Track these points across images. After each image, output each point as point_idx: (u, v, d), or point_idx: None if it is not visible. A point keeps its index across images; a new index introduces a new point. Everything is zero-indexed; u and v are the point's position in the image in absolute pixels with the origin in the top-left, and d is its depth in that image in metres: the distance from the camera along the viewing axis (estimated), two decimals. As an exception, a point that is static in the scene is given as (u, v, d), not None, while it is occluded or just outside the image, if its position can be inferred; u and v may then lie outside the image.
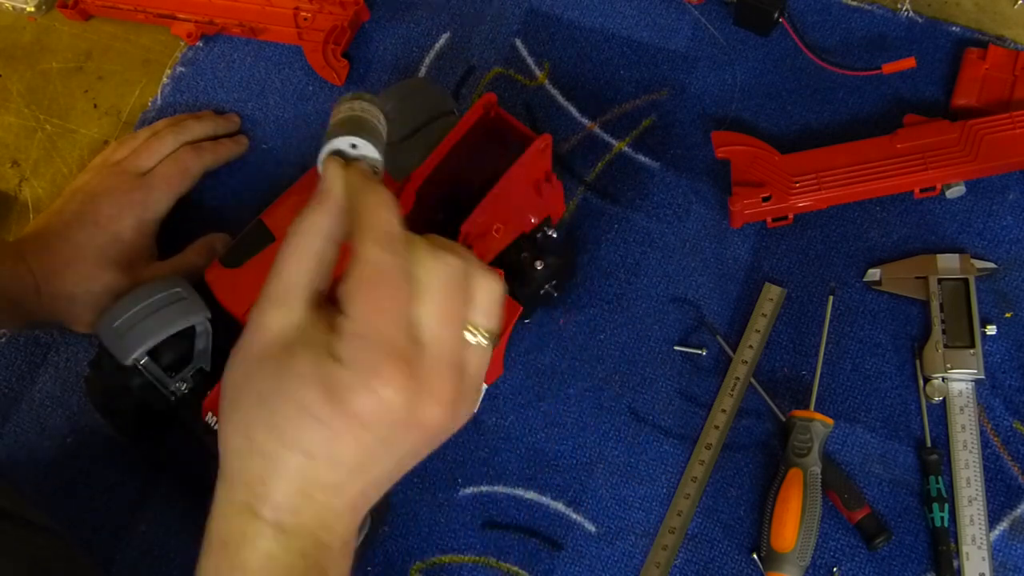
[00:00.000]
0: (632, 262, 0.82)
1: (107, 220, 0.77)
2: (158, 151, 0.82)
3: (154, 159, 0.82)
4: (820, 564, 0.71)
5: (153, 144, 0.83)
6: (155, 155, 0.82)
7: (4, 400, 0.81)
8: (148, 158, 0.82)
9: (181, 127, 0.85)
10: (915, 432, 0.74)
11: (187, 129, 0.85)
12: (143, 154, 0.82)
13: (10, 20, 0.98)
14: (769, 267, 0.80)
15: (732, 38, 0.89)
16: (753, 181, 0.80)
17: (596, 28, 0.91)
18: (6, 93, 0.95)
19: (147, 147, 0.82)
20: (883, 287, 0.78)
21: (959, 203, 0.80)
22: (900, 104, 0.84)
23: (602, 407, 0.77)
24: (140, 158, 0.82)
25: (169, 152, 0.83)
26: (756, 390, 0.76)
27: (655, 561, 0.72)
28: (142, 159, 0.82)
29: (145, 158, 0.82)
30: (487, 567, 0.73)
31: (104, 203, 0.78)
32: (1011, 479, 0.72)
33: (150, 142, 0.83)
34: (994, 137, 0.78)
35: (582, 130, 0.87)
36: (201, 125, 0.86)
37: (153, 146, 0.82)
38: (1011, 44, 0.86)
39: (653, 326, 0.79)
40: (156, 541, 0.76)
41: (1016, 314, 0.77)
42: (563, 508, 0.75)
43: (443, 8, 0.94)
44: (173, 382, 0.70)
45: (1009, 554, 0.70)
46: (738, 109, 0.86)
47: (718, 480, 0.74)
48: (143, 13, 0.94)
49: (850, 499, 0.71)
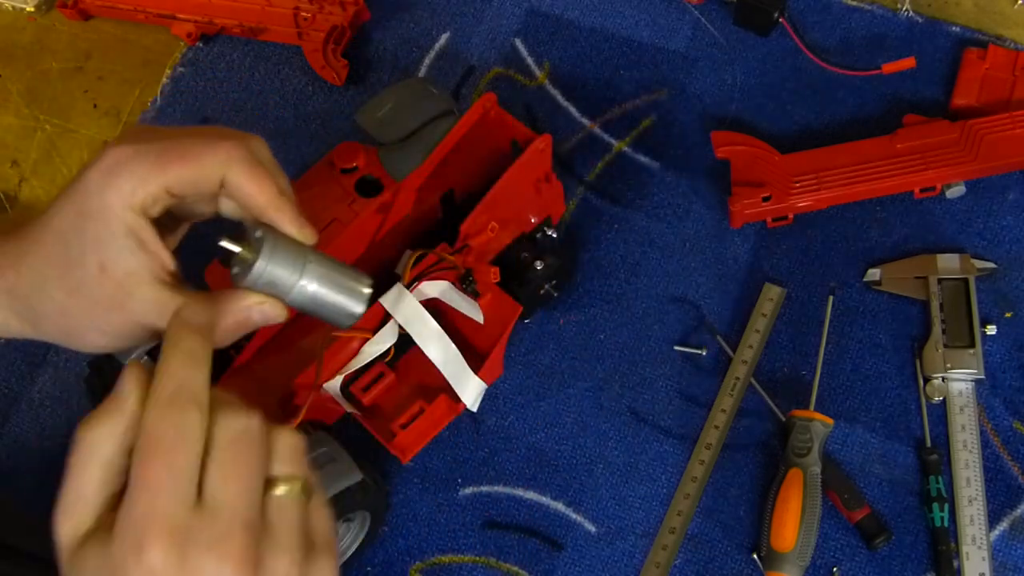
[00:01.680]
0: (632, 262, 0.82)
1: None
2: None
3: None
4: (820, 564, 0.71)
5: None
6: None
7: (4, 400, 0.81)
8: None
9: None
10: (915, 432, 0.74)
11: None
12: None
13: (10, 20, 0.98)
14: (769, 267, 0.80)
15: (732, 38, 0.89)
16: (753, 181, 0.80)
17: (596, 28, 0.91)
18: (6, 93, 0.95)
19: None
20: (883, 287, 0.78)
21: (959, 203, 0.80)
22: (900, 104, 0.84)
23: (602, 407, 0.77)
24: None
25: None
26: (756, 390, 0.76)
27: (655, 561, 0.72)
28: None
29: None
30: (487, 567, 0.73)
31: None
32: (1011, 479, 0.72)
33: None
34: (994, 137, 0.78)
35: (582, 130, 0.87)
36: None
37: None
38: (1011, 44, 0.86)
39: (653, 326, 0.79)
40: (156, 541, 0.76)
41: (1016, 314, 0.76)
42: (563, 508, 0.75)
43: (443, 8, 0.94)
44: (173, 382, 0.70)
45: (1009, 554, 0.70)
46: (738, 109, 0.86)
47: (718, 480, 0.74)
48: (143, 13, 0.94)
49: (850, 499, 0.71)
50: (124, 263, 0.42)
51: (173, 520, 0.35)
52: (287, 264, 0.42)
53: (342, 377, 0.69)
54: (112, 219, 0.41)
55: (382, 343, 0.68)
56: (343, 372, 0.68)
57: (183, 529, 0.36)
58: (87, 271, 0.42)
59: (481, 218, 0.69)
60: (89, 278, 0.42)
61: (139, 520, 0.35)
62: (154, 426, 0.37)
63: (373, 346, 0.68)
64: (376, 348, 0.68)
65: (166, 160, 0.42)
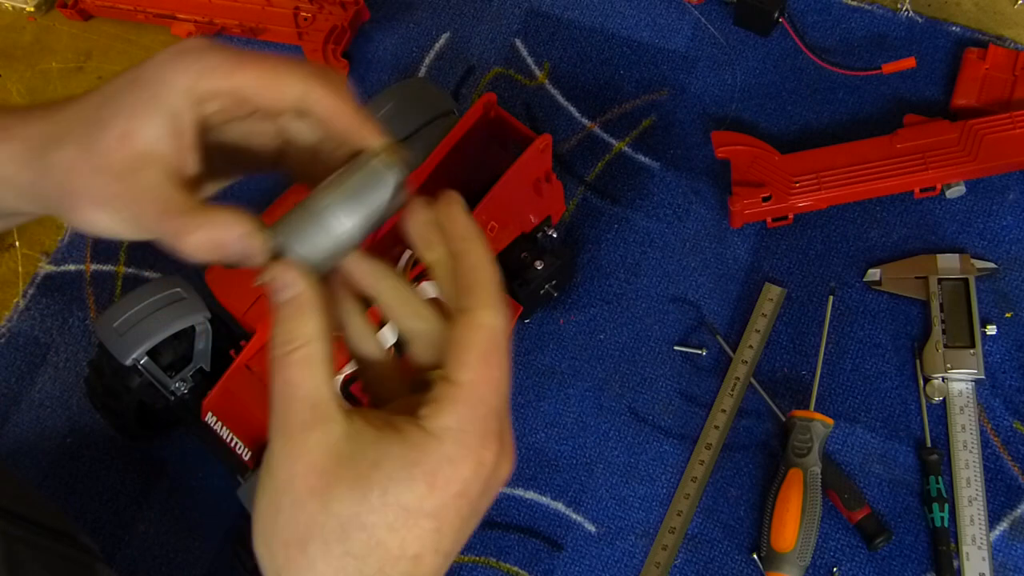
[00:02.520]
0: (632, 262, 0.82)
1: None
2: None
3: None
4: (820, 564, 0.71)
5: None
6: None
7: (4, 400, 0.81)
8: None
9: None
10: (915, 432, 0.74)
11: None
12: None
13: (10, 20, 0.98)
14: (769, 267, 0.80)
15: (732, 38, 0.89)
16: (753, 181, 0.80)
17: (596, 28, 0.91)
18: (6, 93, 0.95)
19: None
20: (883, 287, 0.78)
21: (959, 203, 0.80)
22: (900, 104, 0.84)
23: (602, 407, 0.77)
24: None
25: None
26: (756, 390, 0.76)
27: (655, 561, 0.72)
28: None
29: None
30: (487, 567, 0.73)
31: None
32: (1011, 479, 0.72)
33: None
34: (994, 137, 0.78)
35: (582, 130, 0.87)
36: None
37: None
38: (1011, 44, 0.86)
39: (653, 326, 0.79)
40: (156, 541, 0.76)
41: (1016, 314, 0.76)
42: (563, 508, 0.75)
43: (443, 8, 0.94)
44: (173, 382, 0.70)
45: (1009, 554, 0.70)
46: (738, 109, 0.86)
47: (718, 480, 0.74)
48: (143, 13, 0.94)
49: (850, 499, 0.71)
50: (147, 137, 0.38)
51: (503, 417, 0.36)
52: (311, 237, 0.38)
53: (342, 377, 0.69)
54: (161, 93, 0.38)
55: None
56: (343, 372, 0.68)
57: (503, 425, 0.37)
58: (109, 132, 0.38)
59: (481, 218, 0.69)
60: (108, 139, 0.38)
61: (482, 413, 0.35)
62: (494, 323, 0.36)
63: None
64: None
65: (245, 59, 0.38)
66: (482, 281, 0.37)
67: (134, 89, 0.38)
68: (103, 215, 0.38)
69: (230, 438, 0.68)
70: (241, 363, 0.69)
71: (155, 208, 0.37)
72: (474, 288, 0.36)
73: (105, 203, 0.38)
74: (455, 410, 0.35)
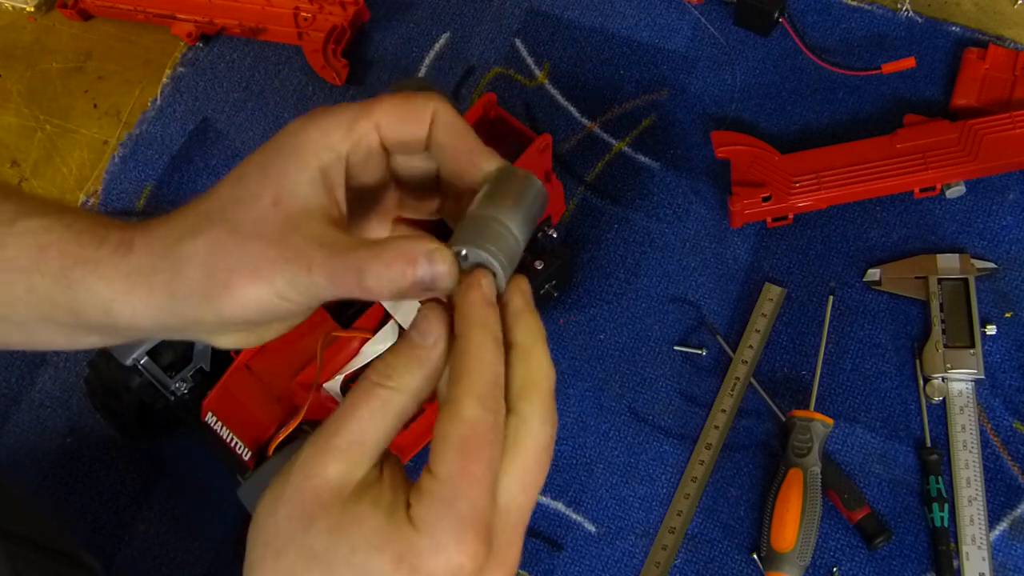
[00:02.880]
0: (632, 262, 0.82)
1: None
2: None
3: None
4: (820, 564, 0.71)
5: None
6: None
7: (4, 400, 0.81)
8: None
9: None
10: (915, 432, 0.74)
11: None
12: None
13: (10, 20, 0.98)
14: (769, 267, 0.80)
15: (732, 38, 0.89)
16: (753, 181, 0.80)
17: (596, 28, 0.91)
18: (6, 93, 0.95)
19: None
20: (883, 287, 0.78)
21: (959, 203, 0.80)
22: (900, 104, 0.84)
23: (602, 407, 0.77)
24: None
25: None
26: (756, 390, 0.76)
27: (655, 561, 0.72)
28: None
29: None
30: (487, 567, 0.73)
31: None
32: (1011, 479, 0.72)
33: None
34: (994, 137, 0.78)
35: (582, 130, 0.87)
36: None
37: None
38: (1011, 44, 0.86)
39: (653, 326, 0.79)
40: (156, 541, 0.76)
41: (1016, 314, 0.76)
42: (563, 508, 0.75)
43: (443, 8, 0.94)
44: (173, 382, 0.70)
45: (1009, 554, 0.70)
46: (738, 109, 0.86)
47: (718, 480, 0.74)
48: (143, 13, 0.94)
49: (850, 499, 0.71)
50: (302, 198, 0.36)
51: (487, 522, 0.35)
52: (501, 243, 0.37)
53: (342, 377, 0.69)
54: (308, 154, 0.37)
55: (382, 343, 0.68)
56: (343, 372, 0.68)
57: (490, 532, 0.35)
58: (257, 204, 0.36)
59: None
60: (257, 210, 0.36)
61: (457, 511, 0.34)
62: (478, 417, 0.35)
63: (373, 346, 0.68)
64: (376, 348, 0.68)
65: (373, 102, 0.38)
66: (471, 371, 0.35)
67: (274, 159, 0.37)
68: (261, 286, 0.36)
69: (230, 438, 0.68)
70: (241, 363, 0.69)
71: (323, 254, 0.35)
72: (461, 378, 0.35)
73: (263, 271, 0.36)
74: (429, 503, 0.35)
